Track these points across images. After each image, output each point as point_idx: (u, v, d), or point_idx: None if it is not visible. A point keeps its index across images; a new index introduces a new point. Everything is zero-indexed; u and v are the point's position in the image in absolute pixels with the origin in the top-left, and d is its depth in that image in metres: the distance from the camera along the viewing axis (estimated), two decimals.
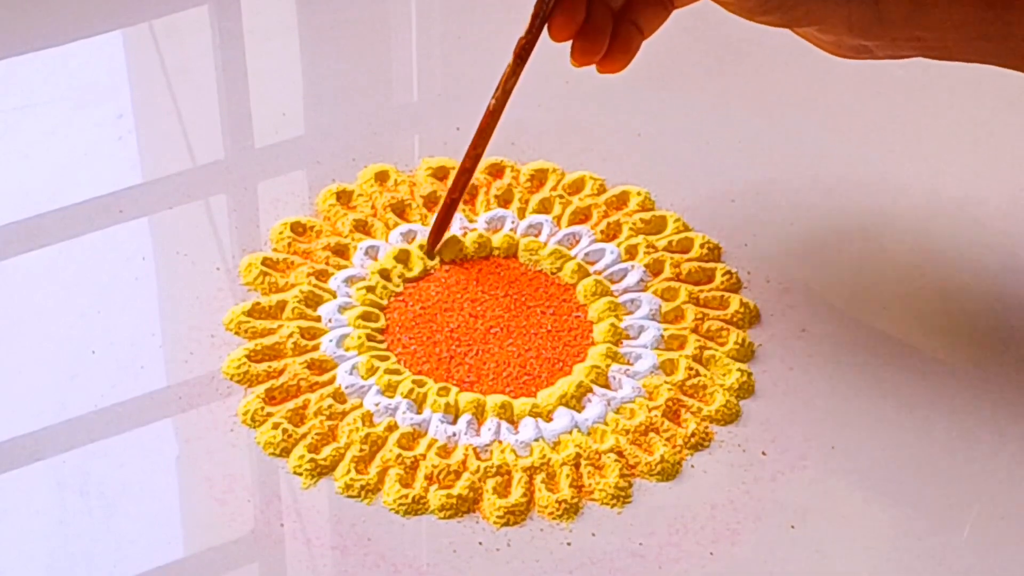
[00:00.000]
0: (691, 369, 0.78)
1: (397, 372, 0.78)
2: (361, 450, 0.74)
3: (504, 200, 0.87)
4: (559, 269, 0.83)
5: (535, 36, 0.75)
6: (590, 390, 0.77)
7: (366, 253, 0.84)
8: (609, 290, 0.82)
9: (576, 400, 0.76)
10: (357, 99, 0.96)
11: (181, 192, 0.88)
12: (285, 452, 0.74)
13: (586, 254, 0.84)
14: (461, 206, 0.86)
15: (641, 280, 0.83)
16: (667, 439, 0.75)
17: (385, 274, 0.83)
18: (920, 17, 0.72)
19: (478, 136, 0.78)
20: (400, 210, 0.87)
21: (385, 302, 0.82)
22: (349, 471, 0.73)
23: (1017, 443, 0.76)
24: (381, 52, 1.01)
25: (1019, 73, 0.74)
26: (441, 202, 0.75)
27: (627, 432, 0.75)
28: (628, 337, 0.80)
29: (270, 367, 0.78)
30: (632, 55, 0.76)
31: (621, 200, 0.88)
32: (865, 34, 0.73)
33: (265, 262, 0.83)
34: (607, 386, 0.77)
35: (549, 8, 0.73)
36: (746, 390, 0.78)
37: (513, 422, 0.75)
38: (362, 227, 0.85)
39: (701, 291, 0.83)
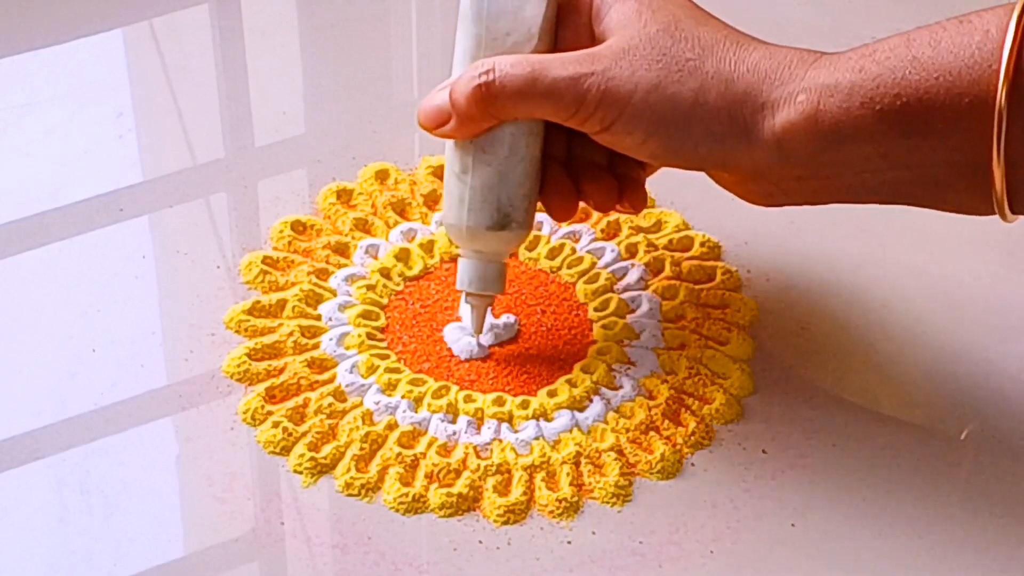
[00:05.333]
0: (691, 368, 0.78)
1: (397, 371, 0.78)
2: (361, 448, 0.74)
3: None
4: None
5: None
6: (596, 392, 0.77)
7: (366, 252, 0.84)
8: (610, 288, 0.82)
9: (579, 401, 0.77)
10: (357, 98, 0.96)
11: (181, 190, 0.88)
12: (285, 450, 0.74)
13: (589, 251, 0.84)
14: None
15: (641, 279, 0.83)
16: (667, 438, 0.75)
17: (385, 272, 0.83)
18: (830, 154, 0.68)
19: None
20: (400, 209, 0.87)
21: (385, 300, 0.82)
22: (349, 469, 0.73)
23: (1018, 442, 0.76)
24: (381, 51, 1.01)
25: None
26: None
27: (627, 431, 0.75)
28: (629, 336, 0.80)
29: (270, 365, 0.78)
30: (643, 188, 0.77)
31: None
32: (768, 175, 0.70)
33: (265, 260, 0.83)
34: (609, 385, 0.77)
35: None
36: (746, 389, 0.78)
37: (512, 422, 0.76)
38: (362, 226, 0.85)
39: (701, 290, 0.82)
